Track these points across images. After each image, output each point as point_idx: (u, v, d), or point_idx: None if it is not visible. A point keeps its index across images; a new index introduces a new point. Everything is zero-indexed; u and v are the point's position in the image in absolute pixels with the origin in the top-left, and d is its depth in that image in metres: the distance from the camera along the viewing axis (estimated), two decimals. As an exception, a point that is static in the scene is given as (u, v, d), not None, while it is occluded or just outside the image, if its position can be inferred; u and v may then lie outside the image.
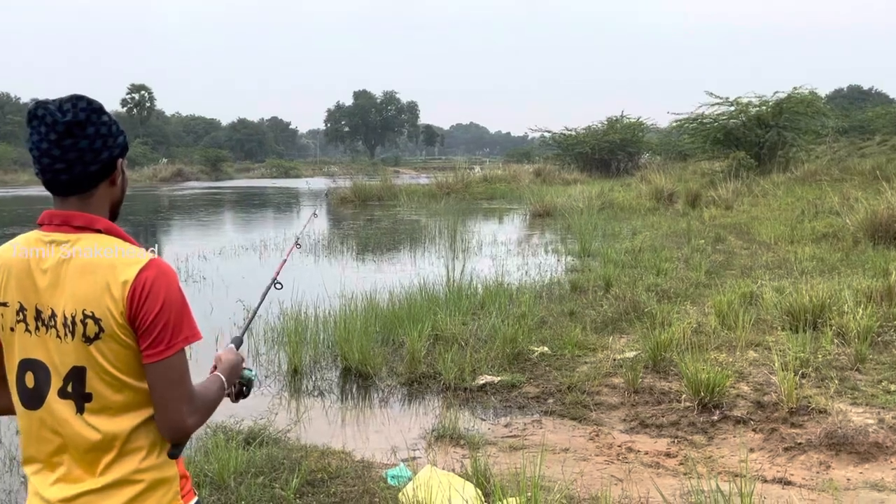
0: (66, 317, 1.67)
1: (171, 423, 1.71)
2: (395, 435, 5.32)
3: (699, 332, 7.00)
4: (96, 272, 1.67)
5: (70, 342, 1.67)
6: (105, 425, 1.69)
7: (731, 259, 11.52)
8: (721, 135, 28.05)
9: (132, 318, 1.66)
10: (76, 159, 1.69)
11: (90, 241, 1.71)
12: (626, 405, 5.59)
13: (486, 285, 9.53)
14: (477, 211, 24.86)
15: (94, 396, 1.68)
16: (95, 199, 1.75)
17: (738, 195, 20.09)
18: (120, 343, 1.67)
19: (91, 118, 1.71)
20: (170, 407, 1.69)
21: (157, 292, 1.67)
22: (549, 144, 46.55)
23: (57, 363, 1.69)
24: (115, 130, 1.77)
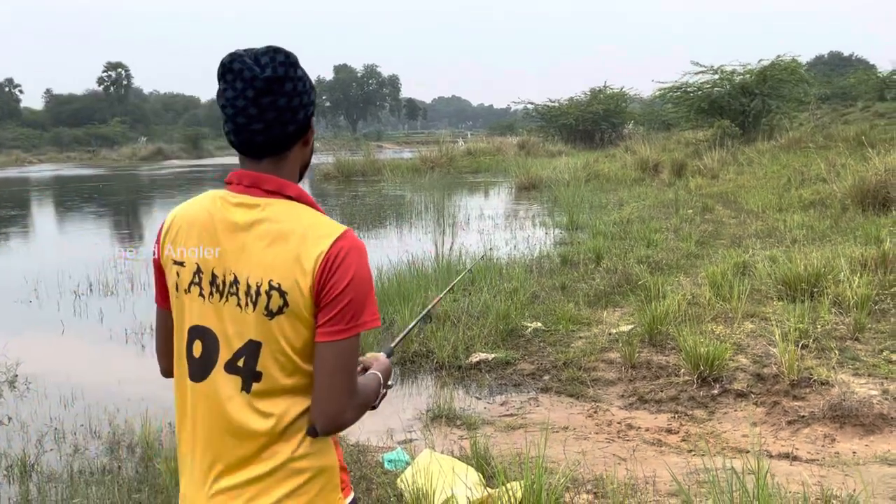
0: (251, 286, 1.52)
1: (329, 413, 1.54)
2: (390, 416, 5.19)
3: (694, 303, 6.90)
4: (288, 241, 1.52)
5: (251, 313, 1.52)
6: (270, 408, 1.53)
7: (721, 229, 11.44)
8: (705, 104, 27.93)
9: (318, 291, 1.51)
10: (274, 119, 1.54)
11: (281, 207, 1.56)
12: (623, 380, 5.50)
13: (476, 260, 9.39)
14: (462, 185, 24.67)
15: (263, 376, 1.53)
16: (289, 162, 1.62)
17: (723, 164, 20.00)
18: (302, 321, 1.52)
19: (289, 73, 1.55)
20: (332, 396, 1.53)
21: (348, 266, 1.52)
22: (532, 116, 46.32)
23: (230, 334, 1.55)
24: (309, 86, 1.61)
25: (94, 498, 3.95)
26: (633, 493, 3.62)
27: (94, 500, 3.93)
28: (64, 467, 4.44)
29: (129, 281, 9.94)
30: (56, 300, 9.05)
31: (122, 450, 4.69)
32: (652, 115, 42.22)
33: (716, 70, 27.87)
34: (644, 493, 3.62)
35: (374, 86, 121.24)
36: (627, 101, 43.20)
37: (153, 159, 58.79)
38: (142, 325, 7.69)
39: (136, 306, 8.61)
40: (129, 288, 9.57)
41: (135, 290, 9.45)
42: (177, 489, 3.81)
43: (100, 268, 10.47)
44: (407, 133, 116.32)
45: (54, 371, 6.47)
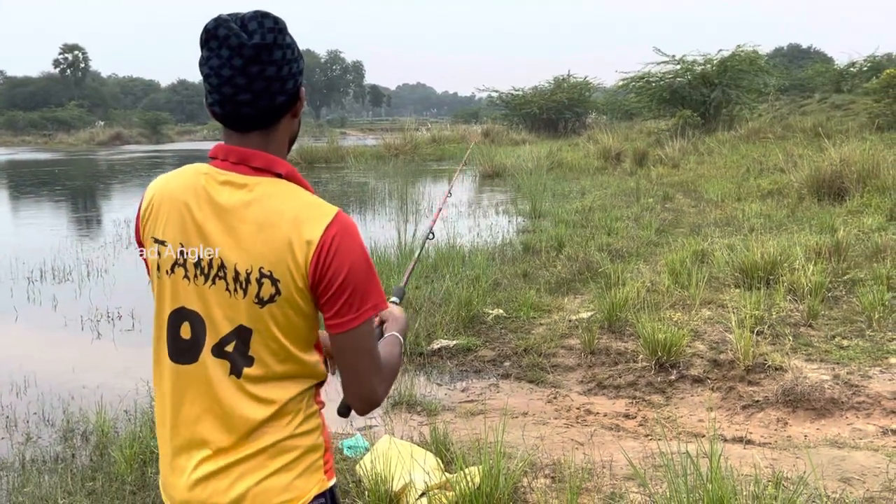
0: (239, 272, 1.46)
1: (363, 396, 1.56)
2: (350, 403, 5.17)
3: (653, 290, 6.97)
4: (278, 226, 1.45)
5: (240, 299, 1.46)
6: (263, 392, 1.50)
7: (680, 217, 11.56)
8: (667, 94, 28.15)
9: (315, 284, 1.46)
10: (263, 90, 1.46)
11: (270, 187, 1.49)
12: (582, 366, 5.54)
13: (439, 248, 9.38)
14: (426, 172, 24.60)
15: (255, 361, 1.49)
16: (278, 135, 1.54)
17: (684, 154, 20.19)
18: (295, 309, 1.47)
19: (278, 40, 1.47)
20: (362, 379, 1.54)
21: (344, 254, 1.46)
22: (496, 104, 46.23)
23: (217, 318, 1.49)
24: (298, 54, 1.53)
25: (47, 486, 3.88)
26: (590, 477, 3.65)
27: (46, 488, 3.86)
28: (15, 455, 4.35)
29: (86, 267, 9.75)
30: (9, 286, 8.84)
31: (76, 438, 4.61)
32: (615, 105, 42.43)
33: (678, 60, 28.12)
34: (601, 477, 3.66)
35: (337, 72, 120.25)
36: (591, 91, 43.32)
37: (111, 144, 57.63)
38: (98, 312, 7.56)
39: (93, 293, 8.45)
40: (84, 274, 9.38)
41: (91, 277, 9.27)
42: (132, 476, 3.76)
43: (55, 254, 10.25)
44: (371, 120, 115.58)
45: (6, 358, 6.33)
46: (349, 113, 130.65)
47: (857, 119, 22.30)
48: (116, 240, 11.79)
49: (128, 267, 9.85)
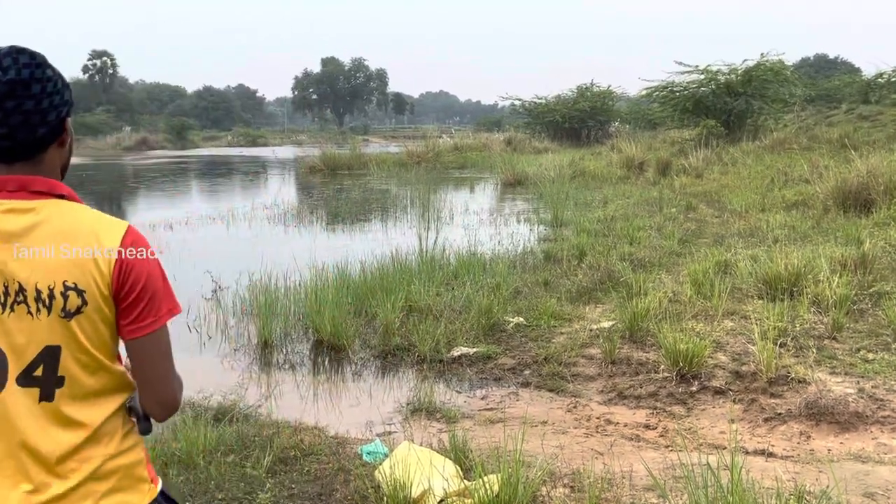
0: (40, 290, 1.47)
1: (162, 400, 1.59)
2: (370, 409, 5.19)
3: (675, 301, 6.94)
4: (77, 239, 1.50)
5: (44, 318, 1.48)
6: (77, 414, 1.52)
7: (703, 227, 11.50)
8: (690, 103, 28.02)
9: (118, 290, 1.52)
10: (21, 124, 1.48)
11: (56, 207, 1.53)
12: (603, 376, 5.52)
13: (460, 255, 9.41)
14: (448, 180, 24.64)
15: (66, 380, 1.50)
16: (45, 164, 1.56)
17: (708, 164, 20.08)
18: (102, 318, 1.51)
19: (35, 74, 1.49)
20: (161, 383, 1.59)
21: (143, 261, 1.54)
22: (519, 113, 46.28)
23: (20, 344, 1.49)
24: (61, 85, 1.56)
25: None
26: (610, 487, 3.64)
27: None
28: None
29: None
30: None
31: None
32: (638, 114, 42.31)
33: (701, 70, 27.96)
34: (620, 488, 3.64)
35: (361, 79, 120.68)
36: (614, 100, 43.21)
37: (137, 149, 58.29)
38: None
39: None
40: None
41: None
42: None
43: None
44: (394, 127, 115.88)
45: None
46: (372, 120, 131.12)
47: (885, 130, 22.04)
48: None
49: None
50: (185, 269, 9.67)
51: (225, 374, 5.99)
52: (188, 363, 6.35)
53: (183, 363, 5.71)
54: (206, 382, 5.67)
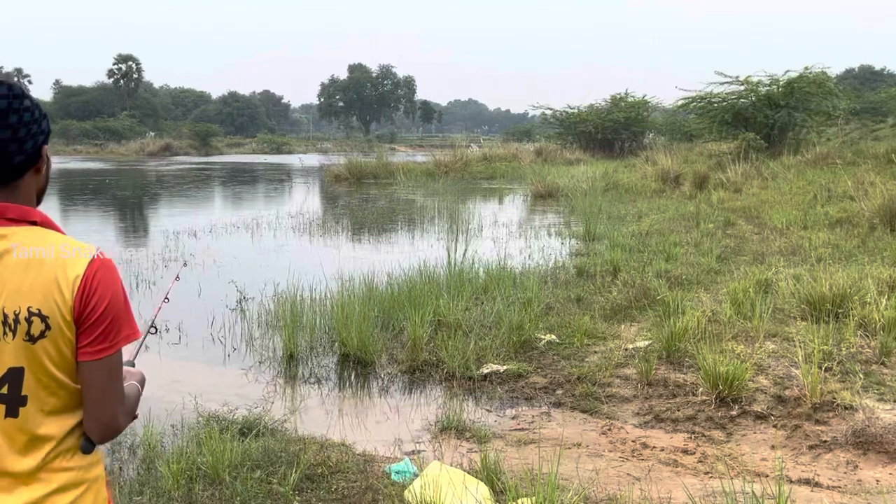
0: (7, 315, 1.58)
1: (105, 422, 1.68)
2: (398, 426, 5.20)
3: (714, 320, 6.88)
4: (42, 267, 1.60)
5: (10, 342, 1.59)
6: (41, 428, 1.62)
7: (743, 244, 11.39)
8: (729, 115, 27.78)
9: (79, 315, 1.62)
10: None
11: (28, 234, 1.63)
12: (639, 398, 5.48)
13: (489, 269, 9.40)
14: (476, 191, 24.68)
15: (29, 399, 1.61)
16: (21, 191, 1.67)
17: (747, 178, 19.91)
18: (64, 341, 1.61)
19: (13, 105, 1.61)
20: (105, 406, 1.67)
21: (106, 288, 1.64)
22: (550, 123, 46.22)
23: None
24: (39, 115, 1.67)
25: (94, 499, 3.97)
26: (648, 514, 3.60)
27: (93, 501, 3.95)
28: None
29: (134, 278, 9.99)
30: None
31: (124, 451, 4.72)
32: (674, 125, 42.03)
33: (741, 81, 27.75)
34: (658, 515, 3.60)
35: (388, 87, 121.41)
36: (649, 110, 42.97)
37: (161, 155, 59.13)
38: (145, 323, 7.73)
39: (142, 305, 8.64)
40: (133, 286, 9.61)
41: (139, 289, 9.49)
42: (179, 493, 3.82)
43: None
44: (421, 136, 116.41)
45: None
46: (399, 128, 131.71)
47: (935, 145, 21.68)
48: (165, 250, 12.07)
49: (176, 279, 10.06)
50: (209, 279, 9.78)
51: (250, 386, 6.03)
52: (212, 374, 6.43)
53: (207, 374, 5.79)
54: (230, 395, 5.72)
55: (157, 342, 7.22)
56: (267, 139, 79.30)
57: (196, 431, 4.76)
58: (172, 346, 7.15)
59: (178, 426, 5.04)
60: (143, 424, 4.88)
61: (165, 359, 6.80)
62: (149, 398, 5.61)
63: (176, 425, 5.06)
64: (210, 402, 5.51)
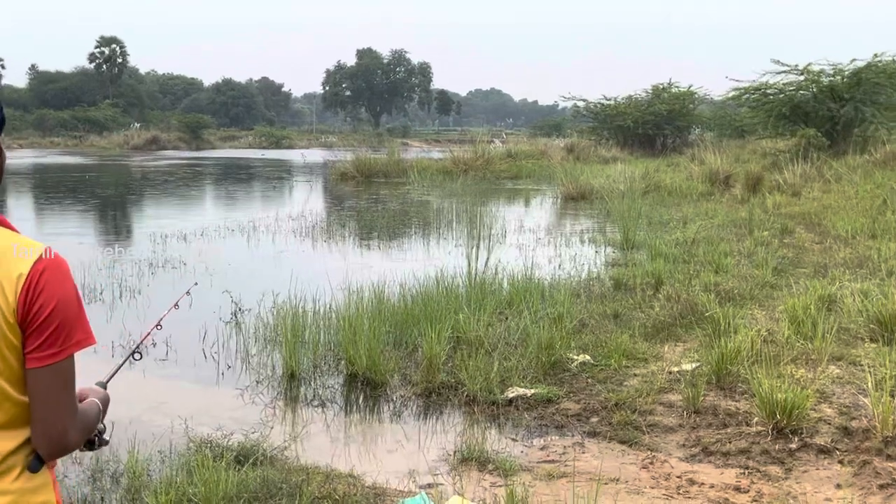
0: None
1: (53, 436, 1.68)
2: (412, 456, 5.21)
3: (770, 341, 6.86)
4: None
5: None
6: None
7: (802, 255, 11.36)
8: (787, 109, 27.68)
9: (23, 317, 1.64)
10: None
11: None
12: (685, 427, 5.46)
13: (514, 280, 9.42)
14: (499, 192, 24.73)
15: None
16: None
17: (806, 180, 19.87)
18: (9, 347, 1.64)
19: None
20: (53, 417, 1.68)
21: (53, 288, 1.66)
22: (583, 116, 46.28)
23: None
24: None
25: (73, 533, 4.00)
26: (696, 559, 3.59)
27: (72, 535, 3.98)
28: (39, 496, 4.50)
29: (118, 286, 10.07)
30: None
31: (106, 479, 4.75)
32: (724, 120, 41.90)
33: (801, 70, 27.63)
34: (708, 561, 3.58)
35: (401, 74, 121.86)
36: (696, 102, 42.94)
37: (147, 148, 59.66)
38: (130, 338, 7.79)
39: (126, 315, 8.72)
40: (116, 295, 9.69)
41: (124, 298, 9.56)
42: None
43: (84, 270, 10.61)
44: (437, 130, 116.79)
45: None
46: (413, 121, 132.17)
47: None
48: (152, 256, 12.16)
49: (164, 288, 10.14)
50: (200, 288, 9.79)
51: (246, 409, 6.06)
52: (204, 395, 6.47)
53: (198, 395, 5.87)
54: (224, 418, 5.75)
55: (143, 359, 7.28)
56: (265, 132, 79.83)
57: (186, 458, 4.78)
58: (159, 363, 7.20)
59: (166, 452, 5.07)
60: (127, 450, 4.91)
61: (152, 377, 6.85)
62: (134, 421, 5.67)
63: (164, 451, 5.09)
64: (202, 425, 5.54)
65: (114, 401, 5.91)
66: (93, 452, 4.78)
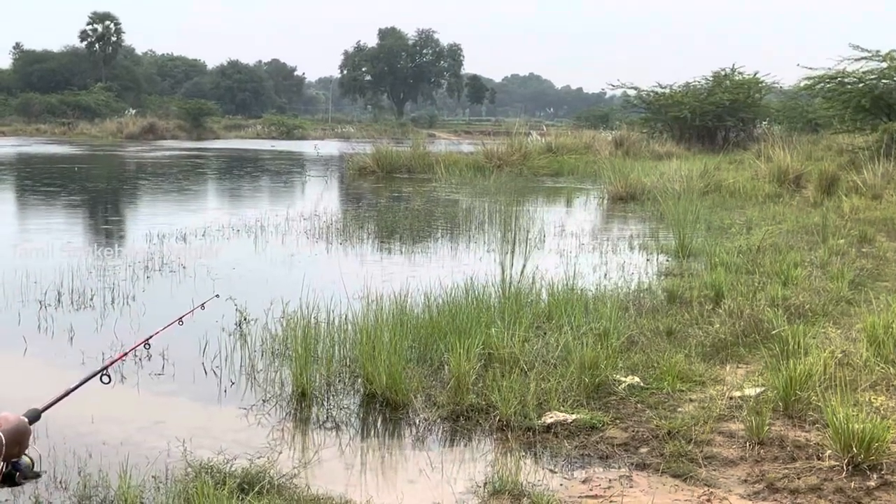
0: None
1: None
2: (437, 487, 5.22)
3: (846, 364, 6.81)
4: None
5: None
6: None
7: (884, 266, 11.29)
8: (867, 100, 27.41)
9: None
10: None
11: None
12: (747, 461, 5.44)
13: (554, 290, 9.41)
14: (538, 190, 24.73)
15: None
16: None
17: (889, 181, 19.73)
18: None
19: None
20: None
21: None
22: (634, 105, 46.24)
23: None
24: None
25: (58, 566, 4.05)
26: None
27: (57, 568, 4.03)
28: (21, 524, 4.57)
29: (110, 291, 10.19)
30: (17, 311, 9.32)
31: (94, 507, 4.80)
32: (795, 112, 41.66)
33: (883, 56, 27.37)
34: None
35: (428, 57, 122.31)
36: (762, 92, 42.69)
37: (143, 137, 60.32)
38: (123, 348, 7.87)
39: (118, 324, 8.82)
40: (108, 300, 9.80)
41: (116, 304, 9.67)
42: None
43: (73, 273, 10.75)
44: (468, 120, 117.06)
45: (10, 401, 6.64)
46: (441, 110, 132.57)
47: None
48: (148, 259, 12.28)
49: (160, 294, 10.25)
50: (201, 293, 9.90)
51: (251, 430, 6.10)
52: (204, 414, 6.53)
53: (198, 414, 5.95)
54: (227, 441, 5.79)
55: (135, 372, 7.36)
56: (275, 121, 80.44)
57: (184, 485, 4.82)
58: (155, 378, 7.27)
59: (161, 478, 5.11)
60: (118, 475, 4.96)
61: (146, 393, 6.92)
62: (125, 442, 5.74)
63: (159, 477, 5.13)
64: (202, 448, 5.58)
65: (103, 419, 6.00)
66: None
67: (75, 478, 5.19)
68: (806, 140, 32.94)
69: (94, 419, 6.26)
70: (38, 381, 7.33)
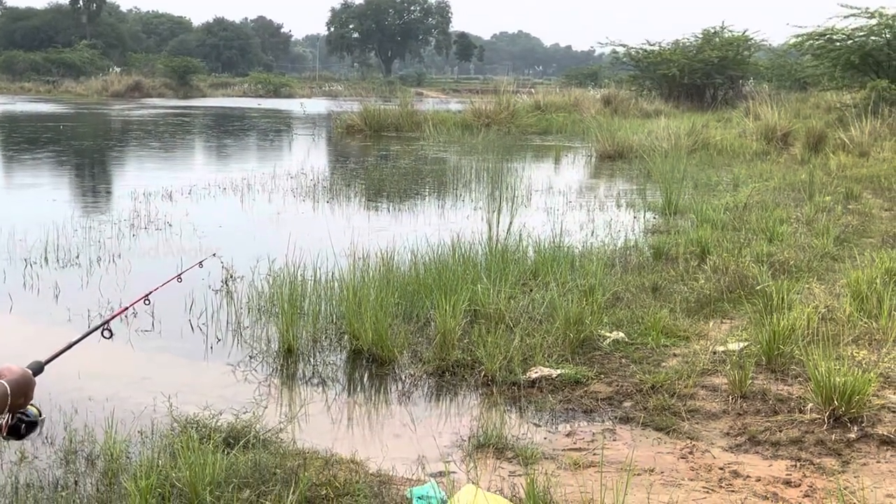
0: None
1: None
2: (421, 441, 5.25)
3: (829, 319, 6.86)
4: None
5: None
6: None
7: (869, 223, 11.32)
8: (856, 57, 27.34)
9: None
10: None
11: None
12: (730, 414, 5.48)
13: (540, 248, 9.43)
14: (526, 148, 24.65)
15: None
16: None
17: (876, 138, 19.74)
18: None
19: None
20: None
21: None
22: (623, 63, 46.00)
23: None
24: None
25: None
26: (738, 559, 3.61)
27: (43, 521, 4.06)
28: (7, 478, 4.58)
29: (96, 249, 10.15)
30: (3, 268, 9.29)
31: (80, 461, 4.82)
32: (783, 69, 41.54)
33: (872, 13, 27.27)
34: (752, 561, 3.61)
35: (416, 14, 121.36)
36: (751, 49, 42.54)
37: (128, 95, 59.90)
38: (109, 306, 7.87)
39: (104, 281, 8.80)
40: (94, 258, 9.77)
41: (102, 262, 9.64)
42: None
43: (59, 231, 10.70)
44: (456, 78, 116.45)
45: None
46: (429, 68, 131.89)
47: None
48: (134, 217, 12.24)
49: (147, 251, 10.22)
50: (188, 252, 9.91)
51: (237, 386, 6.11)
52: (191, 370, 6.54)
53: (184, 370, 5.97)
54: (213, 396, 5.81)
55: (123, 329, 7.35)
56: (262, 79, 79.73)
57: (170, 440, 4.84)
58: (142, 335, 7.27)
59: (147, 433, 5.13)
60: (104, 430, 4.98)
61: (132, 350, 6.92)
62: (111, 398, 5.74)
63: (145, 432, 5.15)
64: (188, 404, 5.60)
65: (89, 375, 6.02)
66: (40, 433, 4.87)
67: (61, 432, 5.21)
68: (794, 98, 32.93)
69: (81, 375, 6.25)
70: (26, 337, 7.32)
